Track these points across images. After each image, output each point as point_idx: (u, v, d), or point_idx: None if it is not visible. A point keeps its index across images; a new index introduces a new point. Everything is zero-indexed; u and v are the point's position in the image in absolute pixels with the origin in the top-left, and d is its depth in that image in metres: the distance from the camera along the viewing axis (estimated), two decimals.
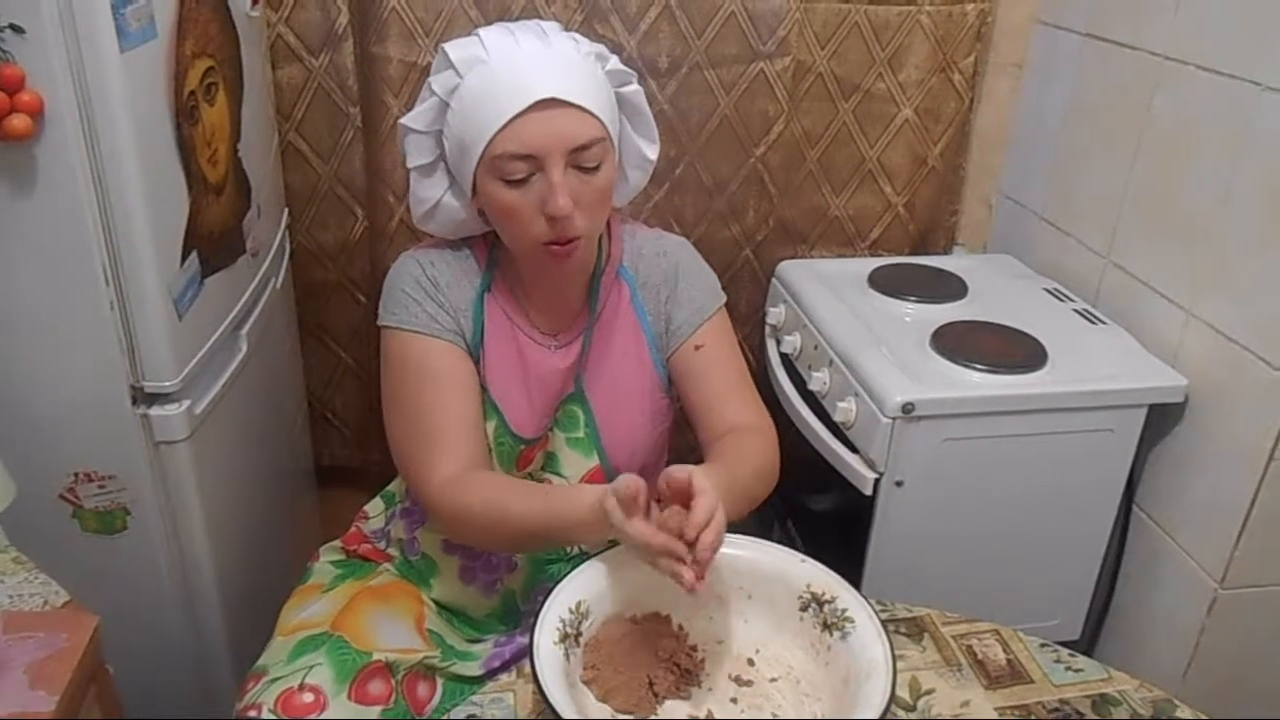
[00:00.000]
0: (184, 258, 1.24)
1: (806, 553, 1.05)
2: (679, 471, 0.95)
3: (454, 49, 1.07)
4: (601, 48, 1.12)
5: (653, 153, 1.20)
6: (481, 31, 1.08)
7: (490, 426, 1.18)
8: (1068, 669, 1.07)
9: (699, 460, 1.12)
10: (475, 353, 1.17)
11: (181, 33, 1.20)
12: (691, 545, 0.92)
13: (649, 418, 1.24)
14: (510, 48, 1.06)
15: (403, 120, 1.12)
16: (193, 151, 1.24)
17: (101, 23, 1.04)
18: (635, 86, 1.15)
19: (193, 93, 1.24)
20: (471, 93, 1.05)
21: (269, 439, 1.65)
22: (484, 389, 1.18)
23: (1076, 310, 1.71)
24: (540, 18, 1.70)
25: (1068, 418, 1.48)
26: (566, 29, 1.51)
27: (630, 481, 0.93)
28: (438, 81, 1.08)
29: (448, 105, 1.08)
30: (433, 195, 1.15)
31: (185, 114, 1.21)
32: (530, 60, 1.05)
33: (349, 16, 1.70)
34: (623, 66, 1.13)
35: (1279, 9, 1.33)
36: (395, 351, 1.16)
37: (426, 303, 1.15)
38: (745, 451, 1.15)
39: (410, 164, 1.13)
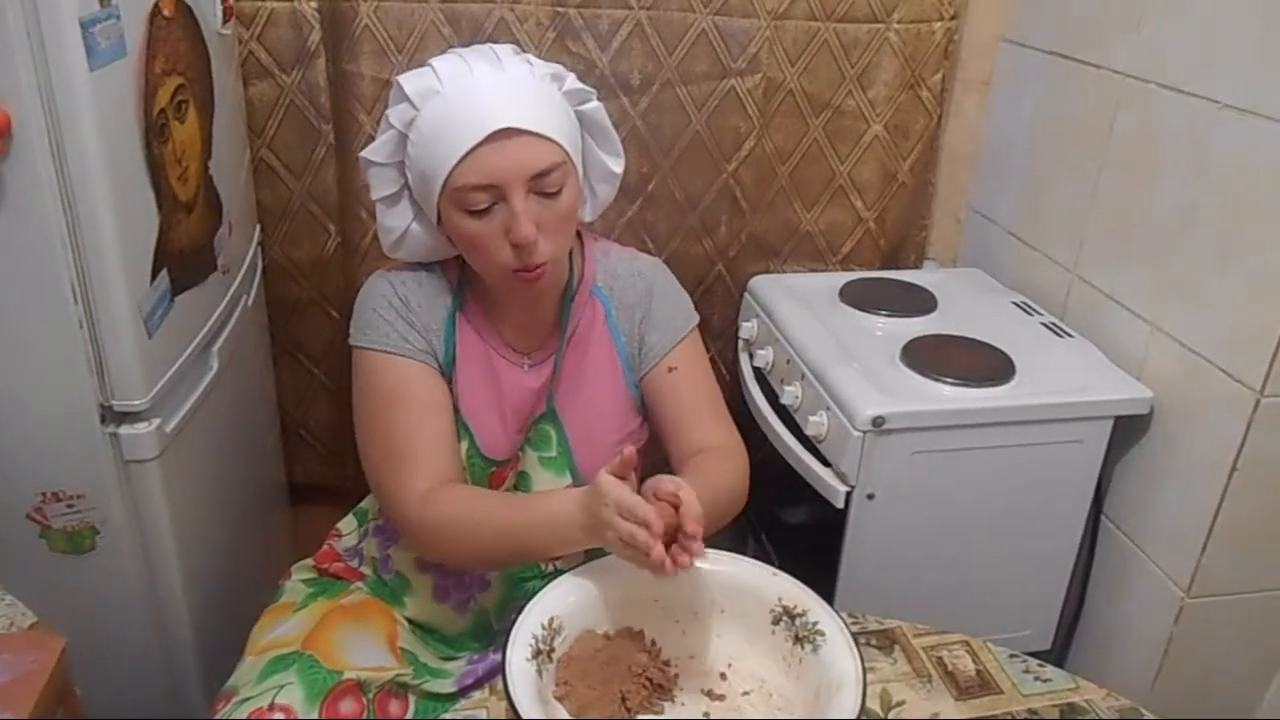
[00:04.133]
0: (154, 275, 1.23)
1: (781, 566, 1.06)
2: (668, 483, 0.98)
3: (408, 81, 1.07)
4: (558, 67, 1.13)
5: (618, 166, 1.20)
6: (434, 61, 1.09)
7: (462, 447, 1.18)
8: (1036, 679, 1.08)
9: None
10: (447, 372, 1.18)
11: (151, 51, 1.20)
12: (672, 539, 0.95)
13: (623, 437, 1.25)
14: (464, 76, 1.06)
15: (363, 154, 1.12)
16: (163, 169, 1.24)
17: (70, 41, 1.03)
18: (595, 103, 1.15)
19: (163, 110, 1.23)
20: (429, 125, 1.06)
21: (241, 457, 1.64)
22: (455, 409, 1.18)
23: (1044, 324, 1.73)
24: (512, 36, 1.73)
25: (1036, 430, 1.50)
26: (539, 47, 1.53)
27: (628, 450, 0.98)
28: (395, 114, 1.09)
29: (406, 137, 1.08)
30: (400, 224, 1.15)
31: (155, 132, 1.21)
32: (485, 89, 1.05)
33: (321, 34, 1.70)
34: (580, 85, 1.13)
35: (1236, 29, 1.36)
36: (367, 372, 1.17)
37: (397, 322, 1.15)
38: (717, 471, 1.17)
39: (375, 195, 1.14)
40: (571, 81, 1.13)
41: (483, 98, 1.05)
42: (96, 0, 1.07)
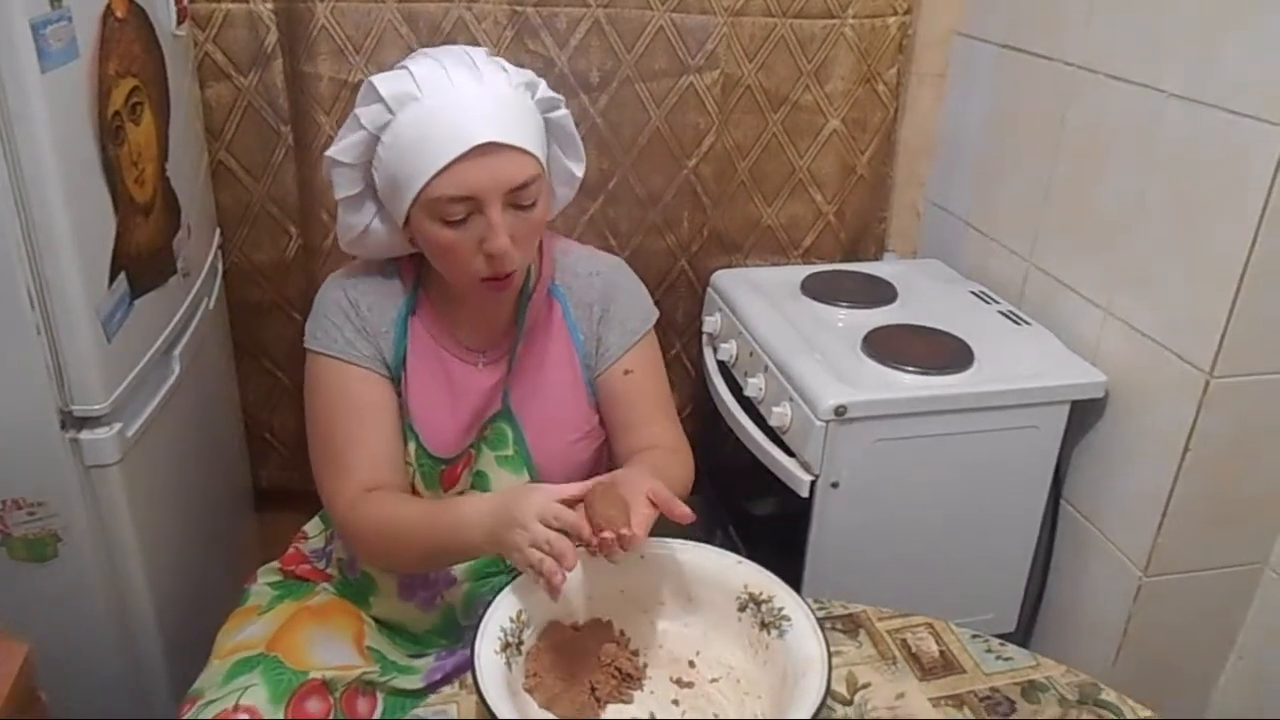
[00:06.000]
0: (112, 279, 1.22)
1: (749, 558, 1.07)
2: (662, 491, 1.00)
3: (383, 83, 1.06)
4: (530, 74, 1.12)
5: (580, 170, 1.21)
6: (411, 65, 1.07)
7: (410, 449, 1.19)
8: (998, 658, 1.10)
9: None
10: (396, 374, 1.18)
11: (104, 53, 1.19)
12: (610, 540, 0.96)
13: (581, 435, 1.26)
14: (444, 85, 1.05)
15: (329, 153, 1.11)
16: (119, 172, 1.23)
17: (21, 43, 1.02)
18: (563, 111, 1.16)
19: (117, 113, 1.22)
20: (406, 131, 1.05)
21: (205, 461, 1.62)
22: (405, 410, 1.18)
23: (1001, 312, 1.76)
24: (470, 35, 1.73)
25: (994, 416, 1.52)
26: (497, 46, 1.52)
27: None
28: (366, 115, 1.07)
29: (378, 139, 1.07)
30: (360, 223, 1.15)
31: (110, 134, 1.20)
32: (467, 100, 1.04)
33: (278, 35, 1.69)
34: (551, 93, 1.14)
35: (1181, 20, 1.39)
36: (314, 374, 1.19)
37: (346, 327, 1.16)
38: (664, 464, 1.18)
39: (338, 195, 1.13)
40: (543, 90, 1.13)
41: (464, 110, 1.04)
42: (47, 1, 1.06)
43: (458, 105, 1.04)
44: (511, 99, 1.08)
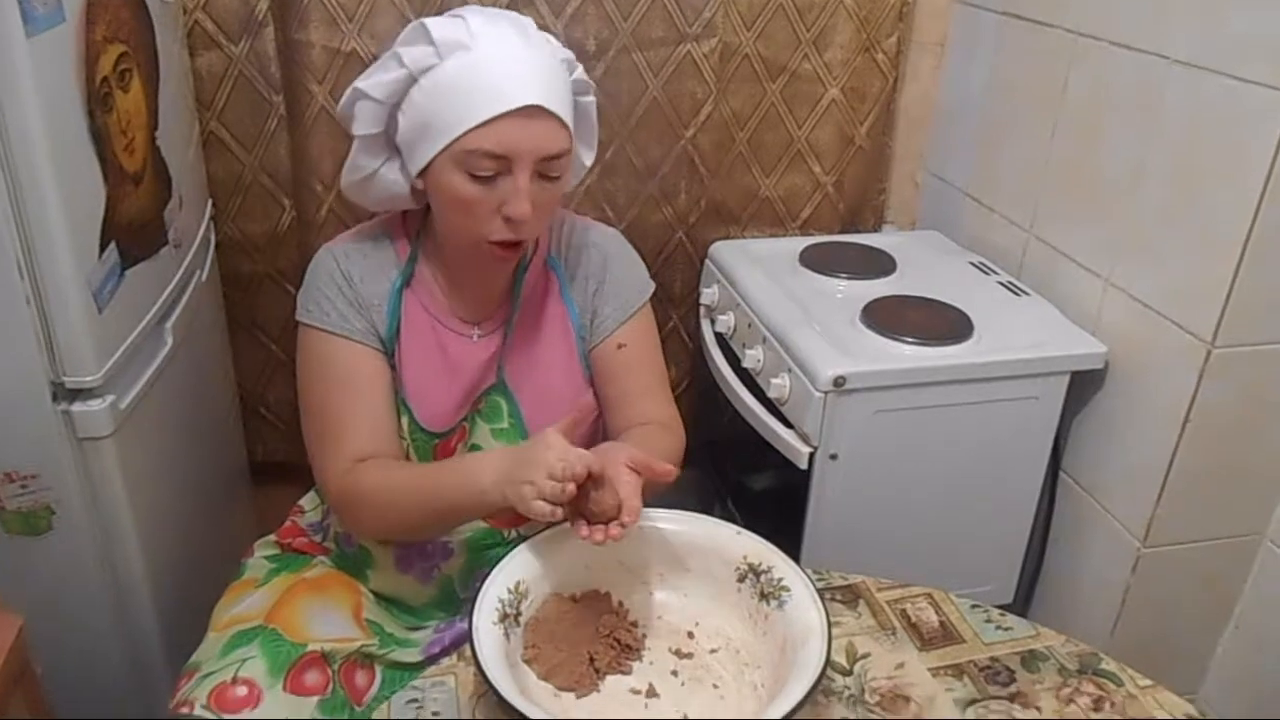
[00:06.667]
0: (102, 249, 1.21)
1: (747, 529, 1.06)
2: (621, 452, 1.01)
3: (436, 27, 1.04)
4: (570, 54, 1.12)
5: (589, 159, 1.22)
6: (466, 15, 1.06)
7: (404, 423, 1.19)
8: (998, 628, 1.10)
9: None
10: (389, 346, 1.17)
11: (91, 17, 1.16)
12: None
13: (577, 408, 1.24)
14: (497, 41, 1.04)
15: (360, 85, 1.08)
16: (108, 140, 1.21)
17: (5, 5, 1.00)
18: (591, 98, 1.16)
19: (105, 79, 1.20)
20: (450, 78, 1.03)
21: (199, 434, 1.61)
22: (398, 384, 1.17)
23: (1001, 283, 1.75)
24: (464, 1, 1.70)
25: (994, 387, 1.52)
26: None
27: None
28: (410, 55, 1.05)
29: (415, 81, 1.06)
30: (371, 165, 1.13)
31: (98, 101, 1.18)
32: (517, 60, 1.04)
33: (269, 2, 1.67)
34: (584, 77, 1.14)
35: None
36: (306, 347, 1.18)
37: (338, 299, 1.15)
38: (657, 439, 1.19)
39: (357, 131, 1.11)
40: (579, 72, 1.13)
41: (514, 68, 1.03)
42: None
43: (508, 63, 1.03)
44: (557, 70, 1.08)
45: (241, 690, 1.06)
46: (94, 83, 1.17)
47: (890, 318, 1.59)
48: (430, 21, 1.05)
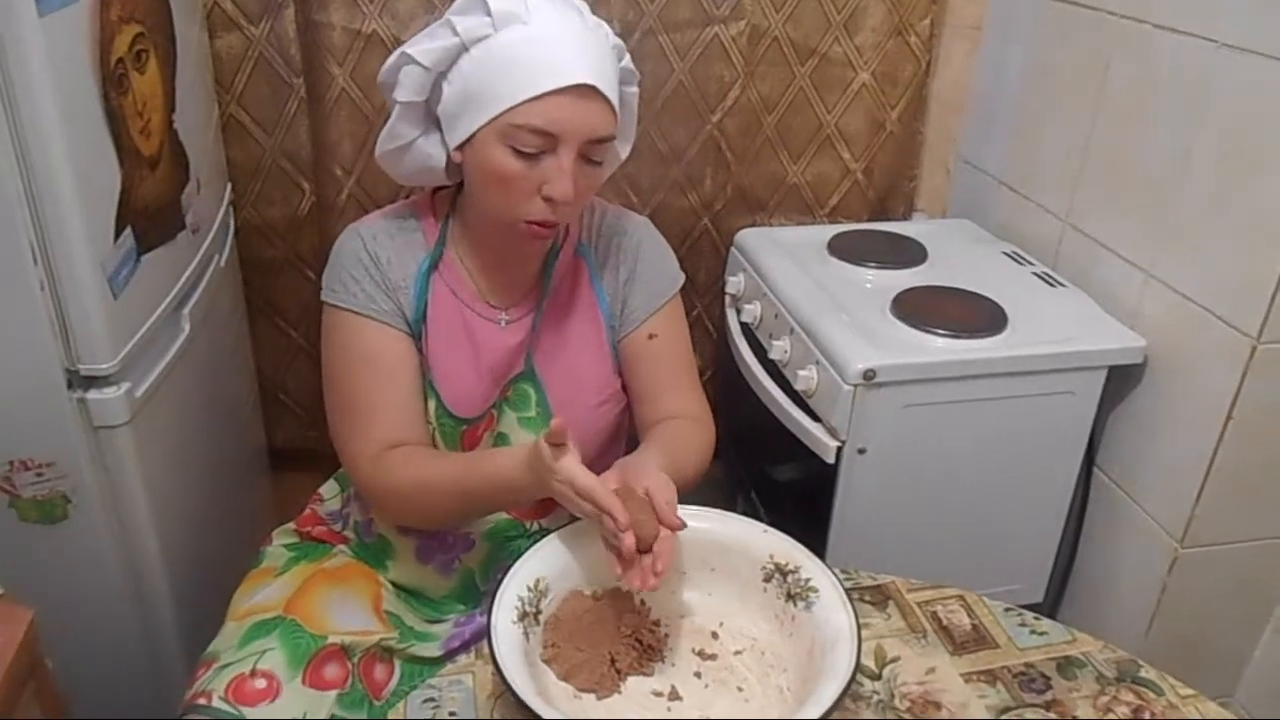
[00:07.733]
0: (118, 234, 1.19)
1: (770, 524, 1.04)
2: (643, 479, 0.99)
3: None
4: (620, 43, 1.10)
5: (626, 151, 1.20)
6: None
7: (430, 407, 1.16)
8: (1032, 633, 1.06)
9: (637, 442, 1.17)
10: (417, 329, 1.15)
11: None
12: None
13: (605, 399, 1.23)
14: (553, 17, 1.02)
15: (408, 50, 1.05)
16: (123, 122, 1.19)
17: None
18: (634, 89, 1.14)
19: (121, 60, 1.18)
20: (503, 49, 1.01)
21: (217, 422, 1.60)
22: (425, 368, 1.15)
23: (1036, 274, 1.70)
24: None
25: (1028, 381, 1.48)
26: None
27: (557, 420, 0.97)
28: (464, 24, 1.02)
29: (465, 50, 1.03)
30: (410, 135, 1.11)
31: (113, 83, 1.16)
32: (574, 38, 1.02)
33: None
34: (631, 66, 1.12)
35: None
36: (332, 329, 1.15)
37: (365, 281, 1.12)
38: (687, 435, 1.17)
39: (399, 97, 1.08)
40: (627, 61, 1.11)
41: (571, 45, 1.01)
42: None
43: (565, 39, 1.02)
44: (609, 54, 1.06)
45: (261, 683, 1.05)
46: (109, 64, 1.15)
47: (921, 309, 1.55)
48: None
